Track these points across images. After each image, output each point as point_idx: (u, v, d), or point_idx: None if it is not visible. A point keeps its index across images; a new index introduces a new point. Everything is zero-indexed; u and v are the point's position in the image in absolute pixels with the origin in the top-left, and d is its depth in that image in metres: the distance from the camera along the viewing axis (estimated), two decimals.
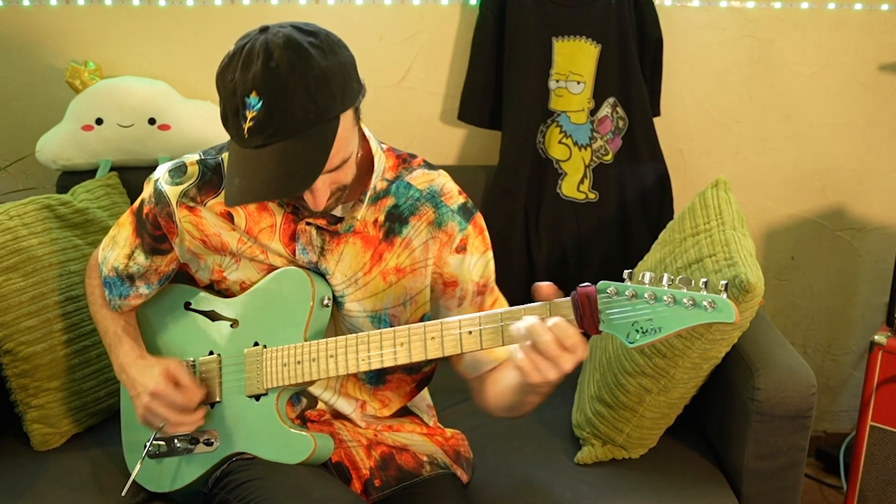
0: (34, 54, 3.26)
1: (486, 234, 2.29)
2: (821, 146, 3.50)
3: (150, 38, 3.25)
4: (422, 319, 2.28)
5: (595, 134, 3.19)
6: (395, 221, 2.22)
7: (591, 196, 3.20)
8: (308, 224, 2.21)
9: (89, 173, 3.13)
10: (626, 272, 1.82)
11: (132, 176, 3.07)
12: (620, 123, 3.21)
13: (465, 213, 2.24)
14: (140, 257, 2.34)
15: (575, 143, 3.19)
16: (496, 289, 2.30)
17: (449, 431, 2.49)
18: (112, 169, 3.13)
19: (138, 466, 2.32)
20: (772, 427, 2.42)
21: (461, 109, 3.29)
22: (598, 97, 3.18)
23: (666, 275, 1.76)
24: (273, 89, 1.87)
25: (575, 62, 3.15)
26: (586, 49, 3.14)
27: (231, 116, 1.94)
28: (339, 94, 1.93)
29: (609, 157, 3.21)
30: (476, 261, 2.24)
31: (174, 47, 3.23)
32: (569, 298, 1.84)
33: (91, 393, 2.69)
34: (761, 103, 3.44)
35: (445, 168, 2.38)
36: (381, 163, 2.22)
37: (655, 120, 3.26)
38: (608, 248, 3.22)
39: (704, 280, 1.74)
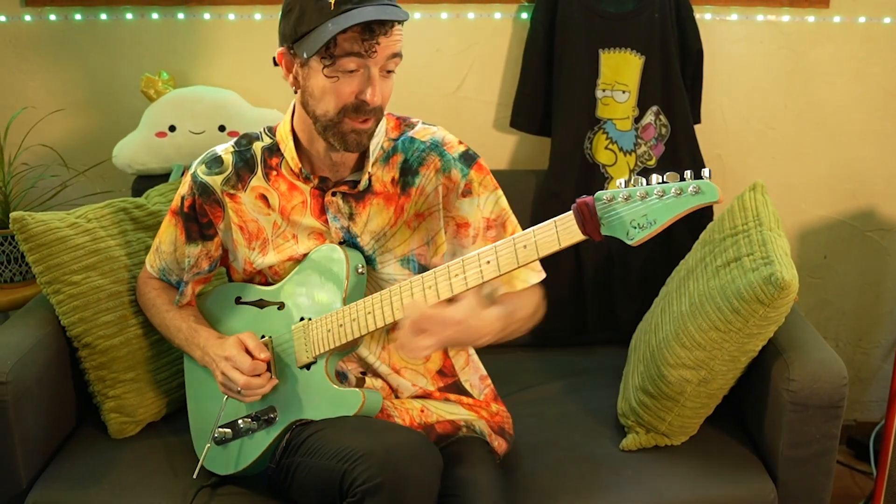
0: (111, 65, 3.35)
1: (491, 175, 2.40)
2: (852, 152, 3.53)
3: (220, 50, 3.34)
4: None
5: (639, 140, 3.23)
6: (408, 174, 2.37)
7: None
8: (333, 195, 2.35)
9: (163, 177, 3.19)
10: (619, 180, 1.89)
11: None
12: (663, 130, 3.25)
13: (467, 159, 2.38)
14: (190, 247, 2.47)
15: (620, 149, 3.23)
16: (511, 219, 2.40)
17: (495, 407, 2.58)
18: (184, 173, 3.13)
19: (207, 447, 2.43)
20: (806, 416, 2.45)
21: (513, 117, 3.33)
22: (642, 106, 3.22)
23: (655, 175, 1.83)
24: None
25: (620, 73, 3.19)
26: (631, 60, 3.18)
27: (312, 4, 2.13)
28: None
29: (652, 162, 3.25)
30: (486, 199, 2.37)
31: (243, 58, 3.31)
32: (571, 212, 1.93)
33: (165, 384, 2.76)
34: (796, 111, 3.47)
35: (498, 172, 2.44)
36: (383, 124, 2.39)
37: (696, 127, 3.29)
38: (651, 248, 3.02)
39: (688, 172, 1.80)
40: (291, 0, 2.17)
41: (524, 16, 3.32)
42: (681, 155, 3.27)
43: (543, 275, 2.43)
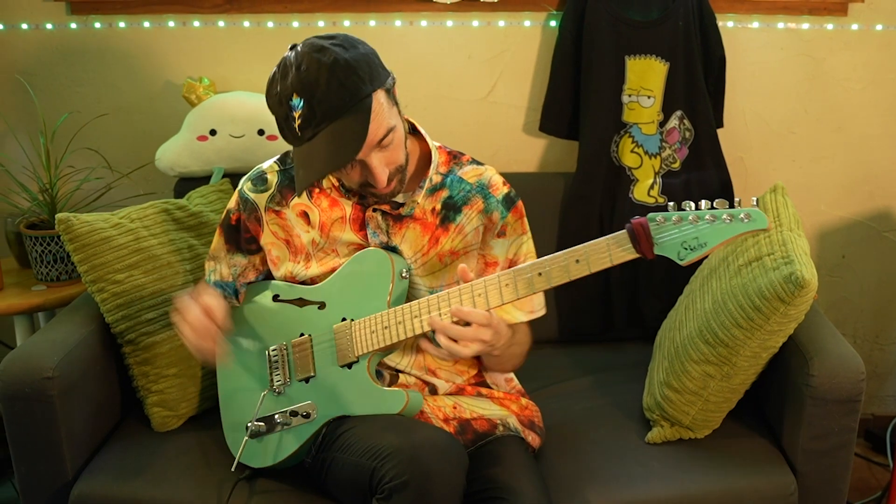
0: (154, 71, 3.41)
1: (525, 219, 2.46)
2: (869, 154, 3.55)
3: (259, 56, 3.37)
4: None
5: (664, 144, 3.26)
6: (450, 210, 2.40)
7: (661, 200, 3.26)
8: (374, 210, 2.37)
9: (204, 179, 3.25)
10: (670, 203, 1.95)
11: None
12: (687, 134, 3.27)
13: (508, 202, 2.41)
14: (237, 258, 2.53)
15: (646, 152, 3.26)
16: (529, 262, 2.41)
17: (524, 401, 2.61)
18: (224, 176, 3.24)
19: (245, 441, 2.45)
20: (825, 410, 2.46)
21: (542, 121, 3.36)
22: (667, 110, 3.24)
23: (704, 201, 1.90)
24: (308, 86, 2.09)
25: (646, 78, 3.22)
26: (656, 66, 3.22)
27: (284, 123, 2.16)
28: (366, 78, 2.12)
29: (677, 165, 3.28)
30: (511, 242, 2.41)
31: None
32: (625, 231, 1.97)
33: (206, 379, 2.78)
34: (815, 116, 3.50)
35: (527, 175, 2.44)
36: (436, 158, 2.41)
37: (719, 131, 3.32)
38: None
39: (738, 199, 1.87)
40: (268, 101, 2.22)
41: (553, 24, 3.36)
42: (704, 158, 3.30)
43: (537, 314, 2.51)
